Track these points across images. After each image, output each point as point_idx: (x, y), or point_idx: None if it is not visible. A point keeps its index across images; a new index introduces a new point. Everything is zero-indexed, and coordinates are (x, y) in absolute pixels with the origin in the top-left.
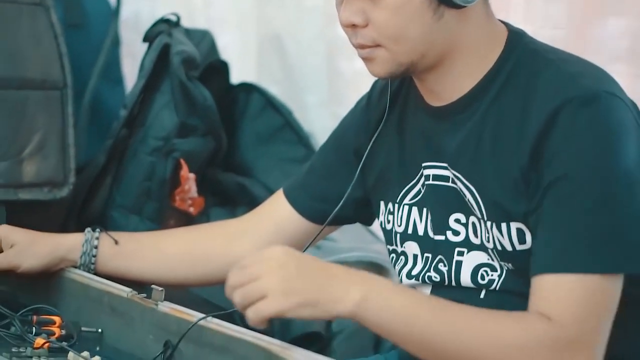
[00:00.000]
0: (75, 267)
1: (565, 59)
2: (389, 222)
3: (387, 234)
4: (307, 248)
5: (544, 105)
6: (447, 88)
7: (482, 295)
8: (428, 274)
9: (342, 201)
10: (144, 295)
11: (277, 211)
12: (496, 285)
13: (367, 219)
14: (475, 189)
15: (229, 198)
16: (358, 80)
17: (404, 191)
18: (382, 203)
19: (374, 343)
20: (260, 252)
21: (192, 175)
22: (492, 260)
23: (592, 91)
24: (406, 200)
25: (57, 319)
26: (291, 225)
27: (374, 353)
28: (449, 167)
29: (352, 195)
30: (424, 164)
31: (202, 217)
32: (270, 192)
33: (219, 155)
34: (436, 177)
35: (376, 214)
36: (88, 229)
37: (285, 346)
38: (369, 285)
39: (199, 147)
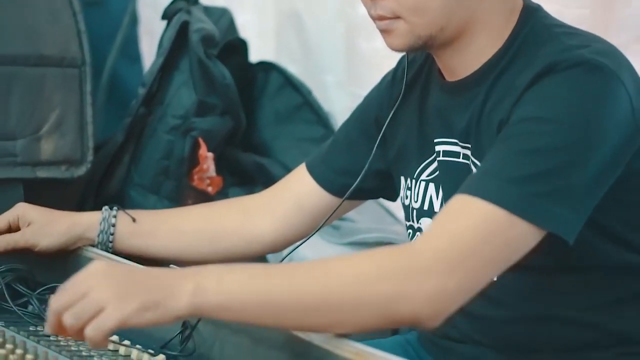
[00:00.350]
0: (93, 245)
1: (572, 34)
2: (407, 197)
3: (405, 210)
4: (326, 221)
5: (532, 71)
6: (462, 64)
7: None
8: None
9: (362, 173)
10: None
11: (298, 185)
12: None
13: (390, 194)
14: None
15: (247, 177)
16: (377, 60)
17: (421, 167)
18: (402, 178)
19: None
20: (80, 272)
21: (210, 154)
22: None
23: (582, 58)
24: (423, 177)
25: None
26: (312, 199)
27: (392, 334)
28: (458, 143)
29: (374, 168)
30: (436, 140)
31: (220, 196)
32: (289, 171)
33: (237, 134)
34: (447, 153)
35: (397, 190)
36: (105, 207)
37: None
38: (198, 274)
39: (218, 126)
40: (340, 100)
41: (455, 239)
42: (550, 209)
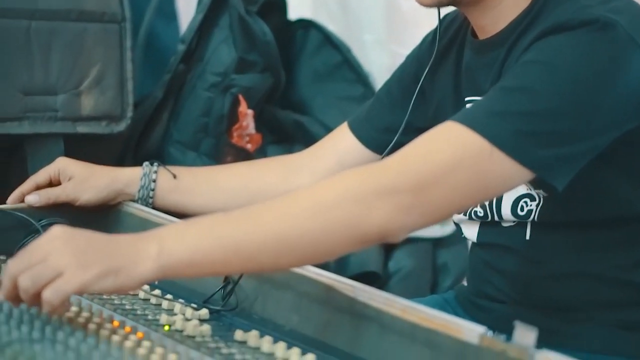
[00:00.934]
0: (133, 201)
1: None
2: None
3: None
4: None
5: (541, 29)
6: (491, 23)
7: (527, 236)
8: (474, 209)
9: (401, 128)
10: None
11: (340, 143)
12: (534, 215)
13: None
14: None
15: (286, 136)
16: (417, 18)
17: None
18: None
19: (431, 284)
20: (40, 237)
21: (250, 112)
22: (530, 189)
23: (592, 16)
24: None
25: None
26: (354, 157)
27: (431, 293)
28: None
29: (414, 124)
30: (466, 98)
31: (259, 154)
32: (328, 130)
33: (276, 92)
34: None
35: None
36: (146, 163)
37: (347, 282)
38: (159, 235)
39: (258, 84)
40: (379, 59)
41: (429, 157)
42: (532, 149)
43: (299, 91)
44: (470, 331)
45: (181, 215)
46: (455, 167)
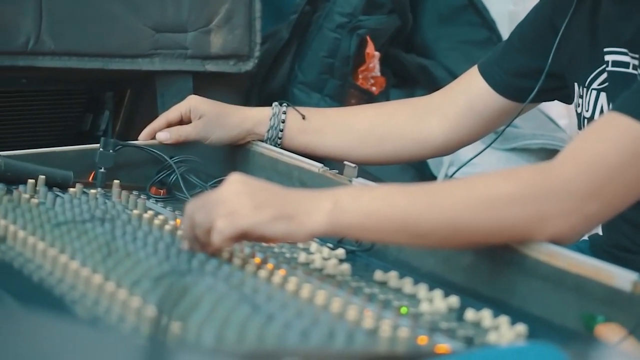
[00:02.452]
0: (262, 140)
1: None
2: (578, 106)
3: (578, 118)
4: (506, 127)
5: None
6: None
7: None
8: None
9: (544, 73)
10: (336, 171)
11: (470, 87)
12: None
13: (566, 97)
14: None
15: (408, 79)
16: None
17: (592, 76)
18: (575, 85)
19: None
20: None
21: (377, 54)
22: None
23: None
24: (594, 85)
25: None
26: (484, 102)
27: None
28: (628, 53)
29: (550, 69)
30: (605, 49)
31: (382, 97)
32: (451, 74)
33: (402, 34)
34: (616, 63)
35: (572, 94)
36: (275, 103)
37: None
38: (336, 193)
39: (385, 25)
40: (501, 4)
41: (598, 159)
42: None
43: (422, 34)
44: (623, 278)
45: (309, 156)
46: (628, 164)
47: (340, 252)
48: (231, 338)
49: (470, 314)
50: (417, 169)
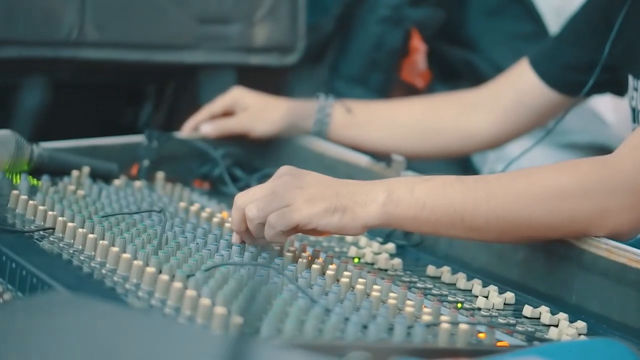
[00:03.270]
0: (307, 134)
1: None
2: (633, 98)
3: (632, 111)
4: (559, 121)
5: None
6: None
7: None
8: None
9: (598, 68)
10: (384, 164)
11: (519, 81)
12: None
13: (618, 89)
14: None
15: (453, 73)
16: None
17: None
18: (630, 77)
19: None
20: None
21: (422, 47)
22: None
23: None
24: None
25: None
26: (533, 96)
27: None
28: None
29: (603, 63)
30: None
31: (427, 91)
32: (497, 69)
33: (448, 27)
34: None
35: (625, 85)
36: (322, 96)
37: None
38: (389, 184)
39: (431, 17)
40: None
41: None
42: None
43: (468, 28)
44: None
45: (354, 149)
46: None
47: (390, 246)
48: (290, 331)
49: (527, 310)
50: (461, 165)
